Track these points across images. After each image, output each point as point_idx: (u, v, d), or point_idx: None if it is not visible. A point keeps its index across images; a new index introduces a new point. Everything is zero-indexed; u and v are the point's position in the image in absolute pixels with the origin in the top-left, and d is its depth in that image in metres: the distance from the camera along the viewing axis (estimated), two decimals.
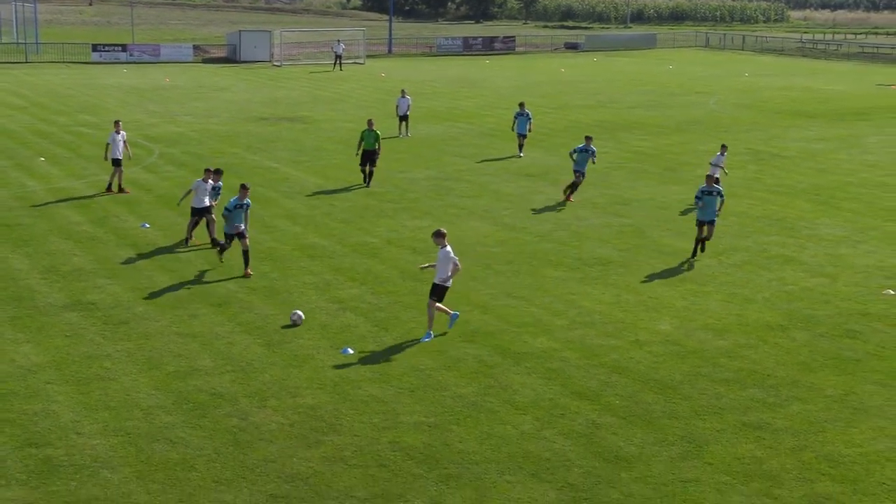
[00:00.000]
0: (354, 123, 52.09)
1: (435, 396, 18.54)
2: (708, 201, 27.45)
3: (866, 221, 32.14)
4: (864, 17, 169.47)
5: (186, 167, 39.64)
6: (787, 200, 35.17)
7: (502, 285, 25.23)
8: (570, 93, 67.40)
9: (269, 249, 28.14)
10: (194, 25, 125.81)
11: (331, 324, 22.28)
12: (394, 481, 15.49)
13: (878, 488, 15.45)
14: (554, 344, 21.25)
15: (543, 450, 16.54)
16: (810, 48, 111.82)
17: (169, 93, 64.53)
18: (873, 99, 65.92)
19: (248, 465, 15.89)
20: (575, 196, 34.66)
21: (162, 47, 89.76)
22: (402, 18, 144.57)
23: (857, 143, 47.46)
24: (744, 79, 79.33)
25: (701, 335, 21.87)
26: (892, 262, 27.55)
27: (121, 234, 29.47)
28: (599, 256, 27.89)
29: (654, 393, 18.83)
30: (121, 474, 15.55)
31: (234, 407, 17.99)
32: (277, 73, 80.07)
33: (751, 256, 28.08)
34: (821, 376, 19.63)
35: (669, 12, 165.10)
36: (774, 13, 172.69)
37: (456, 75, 79.11)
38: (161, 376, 19.29)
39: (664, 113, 58.02)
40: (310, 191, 35.71)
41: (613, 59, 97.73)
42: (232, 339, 21.27)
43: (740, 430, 17.35)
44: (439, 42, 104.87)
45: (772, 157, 43.89)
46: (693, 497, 15.13)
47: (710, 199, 27.49)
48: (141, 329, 21.81)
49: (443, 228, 21.80)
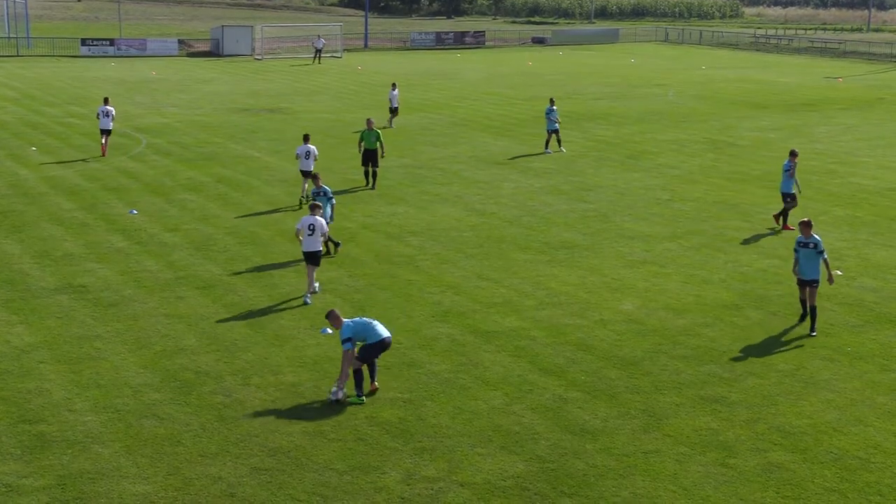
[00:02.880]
0: (332, 114, 51.96)
1: (409, 374, 18.53)
2: (805, 255, 20.83)
3: (816, 206, 32.30)
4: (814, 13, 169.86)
5: (172, 156, 39.40)
6: (741, 186, 35.30)
7: (473, 268, 25.23)
8: (537, 85, 67.34)
9: (251, 234, 28.03)
10: (179, 20, 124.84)
11: (311, 305, 22.21)
12: (371, 454, 15.48)
13: (826, 456, 15.56)
14: (523, 323, 21.27)
15: (513, 424, 16.57)
16: (763, 43, 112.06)
17: (155, 85, 64.07)
18: (822, 91, 66.20)
19: (233, 440, 15.85)
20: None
21: (148, 41, 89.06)
22: (377, 14, 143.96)
23: (807, 133, 47.66)
24: (701, 72, 79.47)
25: (661, 314, 21.94)
26: (840, 245, 27.71)
27: (110, 220, 29.28)
28: (565, 240, 27.92)
29: (617, 369, 18.89)
30: (111, 449, 15.48)
31: (219, 384, 17.92)
32: (259, 67, 79.61)
33: (708, 240, 28.18)
34: (773, 352, 19.73)
35: (631, 8, 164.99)
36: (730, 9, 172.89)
37: (429, 68, 78.89)
38: (149, 356, 19.20)
39: (626, 104, 58.08)
40: (290, 179, 35.55)
41: (578, 53, 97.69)
42: (216, 320, 21.18)
43: (698, 403, 17.43)
44: (413, 37, 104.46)
45: (727, 145, 44.02)
46: (654, 467, 15.20)
47: (808, 252, 20.81)
48: (130, 311, 21.69)
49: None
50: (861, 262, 26.08)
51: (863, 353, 19.86)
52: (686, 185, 35.39)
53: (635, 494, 14.42)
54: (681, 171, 38.14)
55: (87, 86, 63.17)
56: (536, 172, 37.29)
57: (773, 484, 14.74)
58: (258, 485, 14.53)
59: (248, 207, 31.15)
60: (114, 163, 37.98)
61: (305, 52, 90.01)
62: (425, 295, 23.01)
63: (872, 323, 21.62)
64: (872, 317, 22.00)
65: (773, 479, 14.86)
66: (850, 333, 20.94)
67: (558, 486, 14.60)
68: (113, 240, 27.27)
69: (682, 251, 27.00)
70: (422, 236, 28.07)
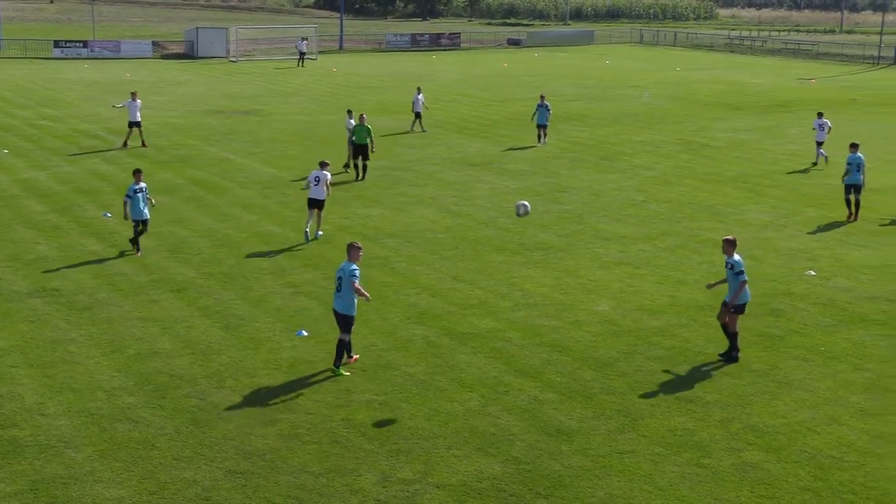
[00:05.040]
0: (307, 116, 51.87)
1: (385, 375, 18.52)
2: (728, 276, 19.43)
3: (789, 207, 32.49)
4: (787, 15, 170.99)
5: (146, 158, 39.21)
6: (715, 187, 35.46)
7: (449, 269, 25.23)
8: (512, 86, 67.44)
9: (225, 237, 27.94)
10: (153, 22, 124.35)
11: (286, 307, 22.17)
12: (346, 457, 15.45)
13: (800, 455, 15.65)
14: (498, 325, 21.29)
15: (488, 425, 16.58)
16: (737, 44, 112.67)
17: (129, 87, 63.70)
18: (795, 92, 66.60)
19: (207, 443, 15.79)
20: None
21: (122, 43, 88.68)
22: (352, 16, 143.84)
23: (781, 134, 47.93)
24: (675, 73, 79.81)
25: (636, 315, 22.01)
26: (814, 245, 27.89)
27: (83, 224, 29.12)
28: (540, 241, 27.97)
29: (592, 370, 18.94)
30: (84, 453, 15.39)
31: (194, 388, 17.85)
32: (233, 69, 79.38)
33: (682, 240, 28.29)
34: (747, 352, 19.82)
35: (606, 10, 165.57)
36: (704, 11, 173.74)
37: (404, 70, 78.87)
38: (123, 359, 19.10)
39: (601, 105, 58.25)
40: (265, 181, 35.47)
41: (553, 55, 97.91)
42: (191, 323, 21.10)
43: (673, 403, 17.49)
44: (388, 38, 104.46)
45: (702, 146, 44.22)
46: (629, 468, 15.24)
47: (728, 273, 19.38)
48: (103, 314, 21.58)
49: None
50: (835, 263, 26.25)
51: (836, 352, 19.99)
52: (660, 187, 35.53)
53: (611, 495, 14.45)
54: (655, 172, 38.28)
55: (59, 88, 62.81)
56: (511, 174, 37.34)
57: (748, 483, 14.81)
58: (233, 488, 14.48)
59: (222, 210, 31.05)
60: (87, 165, 37.78)
61: (280, 53, 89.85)
62: (401, 297, 23.00)
63: (846, 322, 21.75)
64: (846, 316, 22.14)
65: (748, 479, 14.93)
66: (823, 333, 21.07)
67: (534, 488, 14.62)
68: (87, 243, 27.12)
69: (657, 252, 27.10)
70: (397, 238, 28.06)
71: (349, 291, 18.22)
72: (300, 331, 20.58)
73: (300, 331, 20.58)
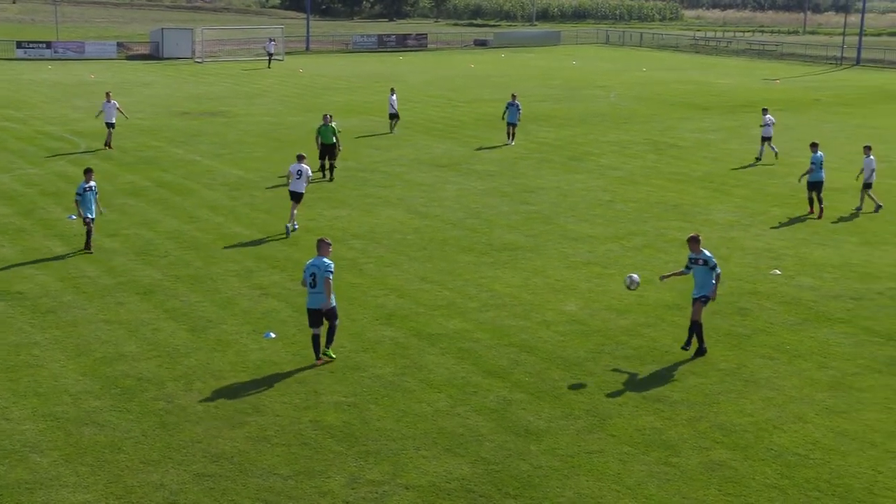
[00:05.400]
0: (274, 118, 51.69)
1: (354, 377, 18.48)
2: (699, 272, 19.59)
3: (755, 207, 32.72)
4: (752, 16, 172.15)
5: (111, 160, 38.95)
6: (682, 187, 35.66)
7: (417, 270, 25.23)
8: (479, 87, 67.53)
9: (192, 239, 27.80)
10: (118, 23, 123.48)
11: (253, 309, 22.09)
12: (315, 458, 15.42)
13: (766, 454, 15.76)
14: (466, 325, 21.31)
15: (457, 426, 16.59)
16: (703, 45, 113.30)
17: (94, 88, 63.27)
18: (760, 92, 67.07)
19: (175, 446, 15.70)
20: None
21: (86, 44, 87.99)
22: (318, 17, 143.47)
23: (746, 134, 48.25)
24: (642, 73, 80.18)
25: (604, 315, 22.09)
26: (779, 245, 28.10)
27: (48, 226, 28.88)
28: (508, 242, 28.02)
29: (560, 370, 18.98)
30: (49, 458, 15.26)
31: (161, 391, 17.75)
32: (199, 70, 78.97)
33: (649, 240, 28.42)
34: (714, 351, 19.94)
35: (572, 11, 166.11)
36: (669, 12, 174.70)
37: (371, 71, 78.77)
38: (89, 362, 18.96)
39: (568, 106, 58.42)
40: (231, 182, 35.33)
41: (520, 55, 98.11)
42: (158, 326, 20.98)
43: (641, 403, 17.57)
44: (355, 39, 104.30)
45: (668, 146, 44.45)
46: (598, 467, 15.30)
47: (700, 269, 19.56)
48: (69, 317, 21.41)
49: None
50: (799, 262, 26.46)
51: (801, 350, 20.15)
52: (628, 187, 35.68)
53: (579, 494, 14.50)
54: (623, 172, 38.45)
55: (22, 89, 62.24)
56: (479, 175, 37.38)
57: (716, 481, 14.90)
58: (201, 491, 14.41)
59: (189, 212, 30.89)
60: (52, 167, 37.48)
61: (247, 54, 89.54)
62: (368, 298, 22.97)
63: (811, 321, 21.94)
64: (811, 315, 22.32)
65: (715, 477, 15.02)
66: (789, 332, 21.23)
67: (503, 488, 14.64)
68: (51, 245, 26.90)
69: (625, 252, 27.21)
70: (364, 239, 28.02)
71: (323, 286, 18.43)
72: (268, 333, 20.51)
73: (268, 333, 20.51)
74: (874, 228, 30.11)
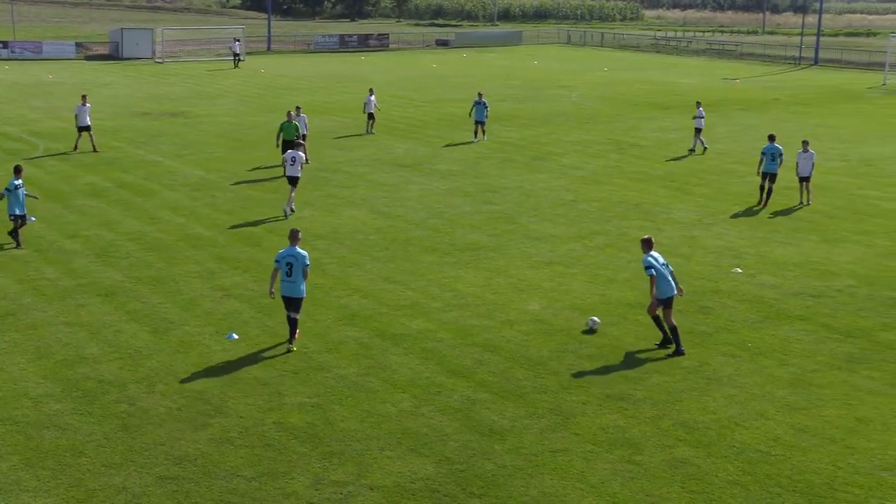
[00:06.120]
0: (235, 118, 51.45)
1: (317, 378, 18.44)
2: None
3: (716, 206, 32.96)
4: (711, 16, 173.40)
5: (70, 161, 38.61)
6: (644, 186, 35.85)
7: (380, 270, 25.20)
8: (441, 87, 67.56)
9: (154, 240, 27.61)
10: (77, 23, 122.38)
11: (215, 310, 21.97)
12: (279, 460, 15.36)
13: (728, 451, 15.88)
14: (430, 325, 21.31)
15: (421, 426, 16.58)
16: (663, 45, 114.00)
17: (52, 89, 62.73)
18: (720, 92, 67.58)
19: (137, 449, 15.59)
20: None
21: (44, 44, 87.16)
22: (280, 17, 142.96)
23: (707, 133, 48.45)
24: (603, 73, 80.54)
25: (567, 314, 22.17)
26: (740, 243, 28.32)
27: (6, 227, 28.54)
28: (471, 242, 28.05)
29: (524, 369, 19.03)
30: (9, 462, 15.10)
31: (123, 393, 17.62)
32: (160, 70, 78.44)
33: (612, 239, 28.56)
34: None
35: (534, 11, 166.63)
36: (630, 12, 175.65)
37: (332, 71, 78.59)
38: (49, 365, 18.78)
39: (530, 106, 58.56)
40: (193, 183, 35.12)
41: (482, 55, 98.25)
42: (119, 328, 20.82)
43: (604, 401, 17.64)
44: (316, 39, 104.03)
45: (630, 146, 44.67)
46: (562, 466, 15.35)
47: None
48: (28, 319, 21.20)
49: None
50: (760, 260, 26.68)
51: (763, 348, 20.32)
52: (590, 186, 35.83)
53: (544, 493, 14.54)
54: (585, 171, 38.60)
55: None
56: (442, 174, 37.39)
57: (679, 479, 14.99)
58: (164, 494, 14.31)
59: (150, 213, 30.68)
60: (9, 168, 37.05)
61: (207, 54, 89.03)
62: (331, 298, 22.92)
63: (772, 319, 22.13)
64: (772, 313, 22.52)
65: (679, 474, 15.12)
66: (750, 330, 21.41)
67: (468, 487, 14.65)
68: (9, 247, 26.61)
69: (587, 251, 27.32)
70: (327, 239, 27.95)
71: (300, 275, 19.36)
72: (230, 334, 20.42)
73: (230, 334, 20.42)
74: (834, 227, 30.43)
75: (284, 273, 19.39)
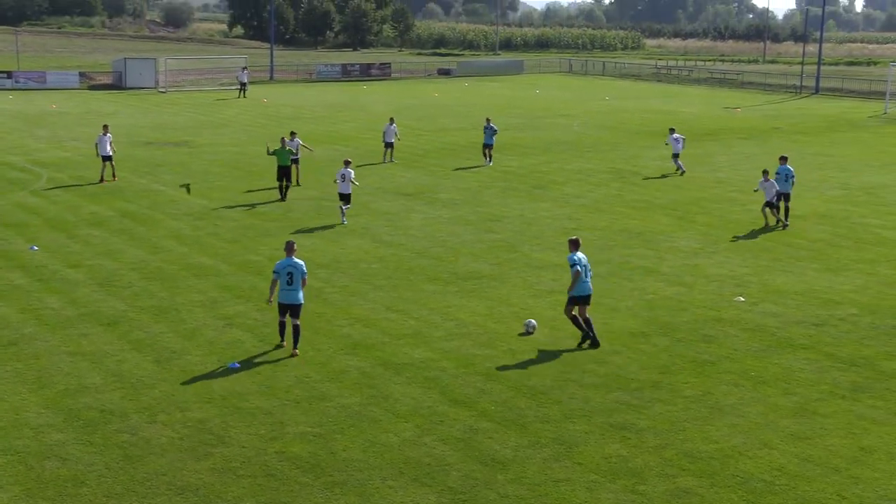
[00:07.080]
0: (238, 147, 51.57)
1: (319, 407, 18.40)
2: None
3: (718, 234, 32.97)
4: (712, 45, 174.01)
5: (74, 191, 38.70)
6: (646, 215, 35.87)
7: (382, 299, 25.19)
8: (443, 116, 67.75)
9: (156, 269, 27.62)
10: (80, 53, 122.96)
11: (218, 340, 21.96)
12: (281, 490, 15.31)
13: (732, 480, 15.82)
14: (432, 354, 21.28)
15: (424, 455, 16.53)
16: (664, 73, 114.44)
17: (56, 119, 62.94)
18: (721, 121, 67.74)
19: (139, 479, 15.54)
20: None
21: (48, 74, 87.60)
22: (282, 46, 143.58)
23: (709, 162, 48.67)
24: (605, 102, 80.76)
25: (570, 343, 22.12)
26: (743, 272, 28.30)
27: (9, 257, 28.60)
28: (473, 271, 28.05)
29: (526, 398, 18.98)
30: (10, 493, 15.05)
31: (125, 423, 17.58)
32: (163, 99, 78.75)
33: (614, 268, 28.55)
34: (680, 379, 20.03)
35: (535, 40, 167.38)
36: (632, 41, 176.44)
37: (335, 100, 78.87)
38: (51, 395, 18.75)
39: (532, 134, 58.69)
40: (195, 212, 35.17)
41: (484, 84, 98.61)
42: (122, 357, 20.80)
43: (607, 431, 17.59)
44: (319, 69, 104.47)
45: (632, 174, 44.73)
46: (565, 496, 15.28)
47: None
48: (30, 349, 21.18)
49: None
50: (762, 288, 26.66)
51: (766, 377, 20.27)
52: (592, 214, 35.86)
53: None
54: (587, 200, 38.64)
55: None
56: (444, 203, 37.45)
57: None
58: None
59: (153, 242, 30.71)
60: (13, 198, 37.18)
61: (210, 84, 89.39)
62: (334, 327, 22.90)
63: (774, 347, 22.08)
64: (774, 341, 22.47)
65: None
66: (753, 358, 21.36)
67: None
68: (12, 277, 26.63)
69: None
70: (329, 269, 27.96)
71: (300, 284, 20.73)
72: (233, 363, 20.39)
73: (233, 363, 20.39)
74: (836, 255, 30.42)
75: (285, 282, 20.63)
